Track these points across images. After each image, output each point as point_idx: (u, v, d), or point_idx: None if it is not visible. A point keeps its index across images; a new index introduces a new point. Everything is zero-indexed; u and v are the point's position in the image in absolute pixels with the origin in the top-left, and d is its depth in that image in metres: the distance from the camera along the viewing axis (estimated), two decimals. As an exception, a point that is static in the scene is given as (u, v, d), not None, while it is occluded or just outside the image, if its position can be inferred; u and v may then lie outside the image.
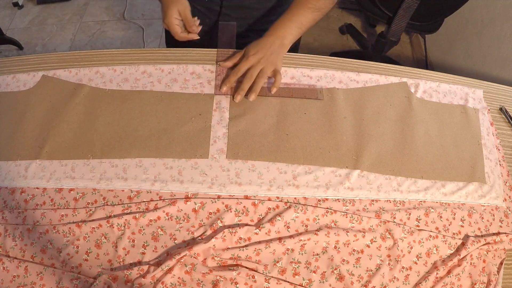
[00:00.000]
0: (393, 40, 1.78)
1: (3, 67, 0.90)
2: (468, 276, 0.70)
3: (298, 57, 0.93)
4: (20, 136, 0.78)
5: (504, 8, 1.55)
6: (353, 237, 0.70)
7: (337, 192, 0.75)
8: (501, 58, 1.56)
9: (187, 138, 0.79)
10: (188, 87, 0.85)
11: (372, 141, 0.81)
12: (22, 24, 2.33)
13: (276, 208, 0.72)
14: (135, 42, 2.28)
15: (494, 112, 0.93)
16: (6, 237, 0.68)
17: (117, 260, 0.67)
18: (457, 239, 0.73)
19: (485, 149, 0.85)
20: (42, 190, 0.73)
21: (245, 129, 0.80)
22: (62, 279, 0.64)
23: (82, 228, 0.68)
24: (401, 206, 0.76)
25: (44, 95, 0.84)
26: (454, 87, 0.94)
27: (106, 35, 2.29)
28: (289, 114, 0.83)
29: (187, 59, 0.91)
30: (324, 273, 0.68)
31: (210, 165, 0.76)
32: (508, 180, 0.82)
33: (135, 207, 0.71)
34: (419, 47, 2.31)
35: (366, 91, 0.89)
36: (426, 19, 1.75)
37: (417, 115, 0.86)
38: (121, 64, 0.89)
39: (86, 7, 2.43)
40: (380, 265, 0.69)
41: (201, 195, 0.73)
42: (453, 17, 1.73)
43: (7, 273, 0.64)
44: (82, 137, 0.78)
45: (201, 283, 0.65)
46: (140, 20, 2.36)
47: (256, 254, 0.68)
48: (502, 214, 0.78)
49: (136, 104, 0.83)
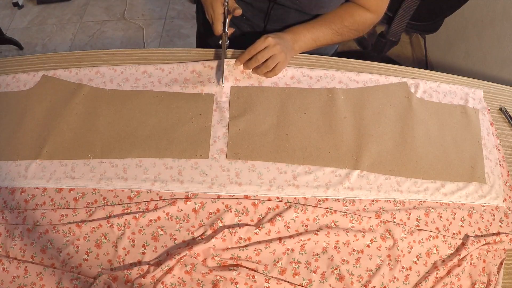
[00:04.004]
0: (393, 40, 1.78)
1: (3, 67, 0.90)
2: (468, 276, 0.70)
3: (298, 57, 0.93)
4: (20, 136, 0.78)
5: (504, 8, 1.55)
6: (353, 237, 0.70)
7: (337, 192, 0.75)
8: (501, 58, 1.56)
9: (187, 138, 0.79)
10: (188, 86, 0.85)
11: (372, 141, 0.81)
12: (22, 24, 2.33)
13: (276, 208, 0.72)
14: (135, 42, 2.27)
15: (494, 112, 0.93)
16: (6, 237, 0.68)
17: (117, 260, 0.67)
18: (457, 239, 0.73)
19: (485, 149, 0.85)
20: (42, 190, 0.73)
21: (245, 129, 0.80)
22: (62, 279, 0.64)
23: (82, 228, 0.68)
24: (401, 206, 0.76)
25: (44, 95, 0.84)
26: (454, 87, 0.94)
27: (106, 35, 2.29)
28: (289, 114, 0.83)
29: (187, 59, 0.91)
30: (324, 273, 0.68)
31: (210, 165, 0.76)
32: (508, 180, 0.82)
33: (135, 207, 0.71)
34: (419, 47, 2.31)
35: (366, 91, 0.89)
36: (426, 19, 1.75)
37: (417, 115, 0.86)
38: (121, 64, 0.89)
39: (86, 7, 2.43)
40: (380, 265, 0.69)
41: (201, 195, 0.73)
42: (453, 17, 1.73)
43: (7, 274, 0.64)
44: (82, 137, 0.78)
45: (201, 283, 0.65)
46: (140, 20, 2.36)
47: (256, 254, 0.68)
48: (502, 214, 0.78)
49: (136, 104, 0.83)
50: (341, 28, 0.89)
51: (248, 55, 0.85)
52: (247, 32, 1.01)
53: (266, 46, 0.82)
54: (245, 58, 0.85)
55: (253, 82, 0.87)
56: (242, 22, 0.98)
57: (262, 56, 0.83)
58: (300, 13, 0.91)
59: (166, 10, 2.43)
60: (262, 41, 0.83)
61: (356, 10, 0.89)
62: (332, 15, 0.89)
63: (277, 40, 0.83)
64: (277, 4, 0.90)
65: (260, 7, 0.93)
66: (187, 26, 2.34)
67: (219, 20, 0.84)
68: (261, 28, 0.99)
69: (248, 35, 1.00)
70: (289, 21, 0.94)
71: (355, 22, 0.89)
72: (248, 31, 1.01)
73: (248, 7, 0.94)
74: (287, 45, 0.86)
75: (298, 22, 0.92)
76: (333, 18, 0.89)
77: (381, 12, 0.91)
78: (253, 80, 0.88)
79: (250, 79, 0.88)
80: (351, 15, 0.89)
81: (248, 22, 0.98)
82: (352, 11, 0.89)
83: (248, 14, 0.95)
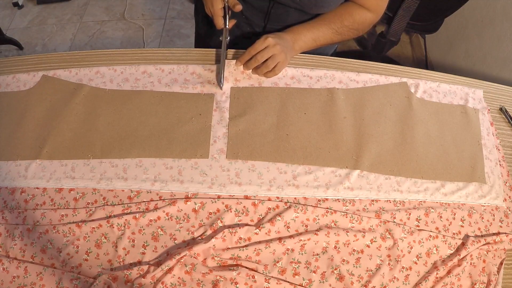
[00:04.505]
0: (393, 40, 1.78)
1: (3, 67, 0.90)
2: (468, 276, 0.70)
3: (298, 57, 0.93)
4: (20, 136, 0.78)
5: (504, 8, 1.55)
6: (353, 237, 0.70)
7: (337, 192, 0.75)
8: (501, 58, 1.56)
9: (187, 138, 0.79)
10: (188, 86, 0.85)
11: (372, 141, 0.81)
12: (22, 24, 2.33)
13: (276, 208, 0.72)
14: (135, 42, 2.27)
15: (494, 112, 0.93)
16: (6, 237, 0.68)
17: (117, 260, 0.67)
18: (457, 239, 0.73)
19: (485, 149, 0.85)
20: (42, 190, 0.73)
21: (245, 129, 0.80)
22: (62, 279, 0.64)
23: (82, 228, 0.68)
24: (401, 206, 0.76)
25: (44, 95, 0.84)
26: (454, 87, 0.94)
27: (106, 35, 2.29)
28: (289, 114, 0.83)
29: (187, 59, 0.91)
30: (324, 273, 0.68)
31: (210, 165, 0.76)
32: (508, 180, 0.82)
33: (135, 207, 0.71)
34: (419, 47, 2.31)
35: (366, 91, 0.89)
36: (426, 19, 1.75)
37: (417, 115, 0.86)
38: (121, 64, 0.89)
39: (86, 7, 2.43)
40: (380, 265, 0.69)
41: (201, 195, 0.73)
42: (453, 17, 1.73)
43: (7, 274, 0.64)
44: (82, 137, 0.78)
45: (201, 283, 0.65)
46: (140, 20, 2.36)
47: (256, 254, 0.68)
48: (502, 214, 0.78)
49: (136, 104, 0.83)
50: (341, 28, 0.89)
51: (248, 56, 0.85)
52: (247, 31, 1.01)
53: (266, 46, 0.83)
54: (245, 58, 0.85)
55: (253, 83, 0.87)
56: (242, 21, 0.98)
57: (262, 56, 0.83)
58: (300, 13, 0.91)
59: (166, 10, 2.43)
60: (262, 41, 0.83)
61: (356, 10, 0.89)
62: (332, 15, 0.89)
63: (277, 40, 0.83)
64: (278, 4, 0.90)
65: (260, 7, 0.93)
66: (187, 26, 2.34)
67: (219, 15, 0.84)
68: (260, 27, 0.99)
69: (247, 35, 1.00)
70: (289, 20, 0.94)
71: (355, 21, 0.89)
72: (248, 31, 1.01)
73: (248, 7, 0.94)
74: (287, 45, 0.86)
75: (297, 21, 0.92)
76: (333, 17, 0.89)
77: (380, 11, 0.91)
78: (253, 80, 0.88)
79: (250, 79, 0.88)
80: (350, 15, 0.89)
81: (247, 22, 0.98)
82: (352, 10, 0.89)
83: (248, 13, 0.95)
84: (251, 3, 0.93)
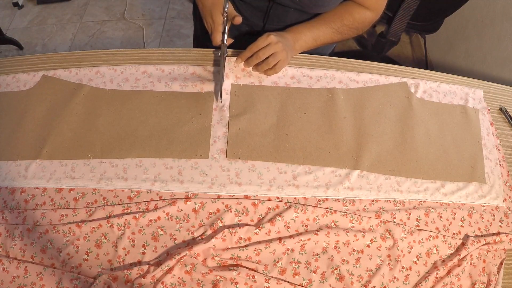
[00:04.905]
0: (393, 40, 1.78)
1: (3, 67, 0.90)
2: (468, 276, 0.70)
3: (298, 57, 0.93)
4: (20, 136, 0.78)
5: (504, 8, 1.55)
6: (353, 237, 0.70)
7: (337, 192, 0.75)
8: (501, 58, 1.56)
9: (187, 138, 0.79)
10: (188, 85, 0.85)
11: (372, 141, 0.81)
12: (22, 24, 2.33)
13: (276, 208, 0.72)
14: (135, 42, 2.27)
15: (494, 112, 0.93)
16: (6, 237, 0.68)
17: (117, 260, 0.67)
18: (457, 239, 0.73)
19: (485, 149, 0.85)
20: (42, 190, 0.73)
21: (245, 129, 0.80)
22: (62, 279, 0.64)
23: (82, 228, 0.68)
24: (401, 206, 0.76)
25: (44, 95, 0.84)
26: (454, 87, 0.94)
27: (106, 35, 2.29)
28: (289, 114, 0.83)
29: (187, 59, 0.91)
30: (324, 273, 0.68)
31: (210, 165, 0.76)
32: (508, 180, 0.82)
33: (135, 207, 0.71)
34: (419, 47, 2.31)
35: (366, 91, 0.89)
36: (426, 19, 1.75)
37: (417, 115, 0.86)
38: (121, 64, 0.89)
39: (86, 7, 2.42)
40: (380, 265, 0.69)
41: (201, 195, 0.73)
42: (453, 17, 1.73)
43: (7, 274, 0.64)
44: (82, 137, 0.78)
45: (201, 283, 0.65)
46: (140, 20, 2.36)
47: (256, 254, 0.68)
48: (502, 214, 0.78)
49: (136, 104, 0.83)
50: (341, 27, 0.89)
51: (249, 53, 0.85)
52: (246, 32, 1.01)
53: (268, 44, 0.82)
54: (247, 55, 0.85)
55: (254, 81, 0.87)
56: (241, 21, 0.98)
57: (264, 53, 0.83)
58: (300, 13, 0.91)
59: (166, 10, 2.43)
60: (264, 38, 0.83)
61: (356, 9, 0.89)
62: (332, 14, 0.89)
63: (279, 38, 0.83)
64: (277, 4, 0.90)
65: (259, 6, 0.93)
66: (187, 26, 2.34)
67: (218, 31, 0.83)
68: (260, 27, 0.99)
69: (246, 35, 1.00)
70: (288, 20, 0.94)
71: (355, 20, 0.89)
72: (247, 31, 1.00)
73: (247, 7, 0.94)
74: (288, 44, 0.86)
75: (297, 21, 0.92)
76: (333, 17, 0.89)
77: (380, 10, 0.91)
78: (254, 78, 0.88)
79: (251, 77, 0.88)
80: (350, 14, 0.89)
81: (246, 22, 0.98)
82: (352, 9, 0.89)
83: (247, 13, 0.95)
84: (250, 3, 0.93)
